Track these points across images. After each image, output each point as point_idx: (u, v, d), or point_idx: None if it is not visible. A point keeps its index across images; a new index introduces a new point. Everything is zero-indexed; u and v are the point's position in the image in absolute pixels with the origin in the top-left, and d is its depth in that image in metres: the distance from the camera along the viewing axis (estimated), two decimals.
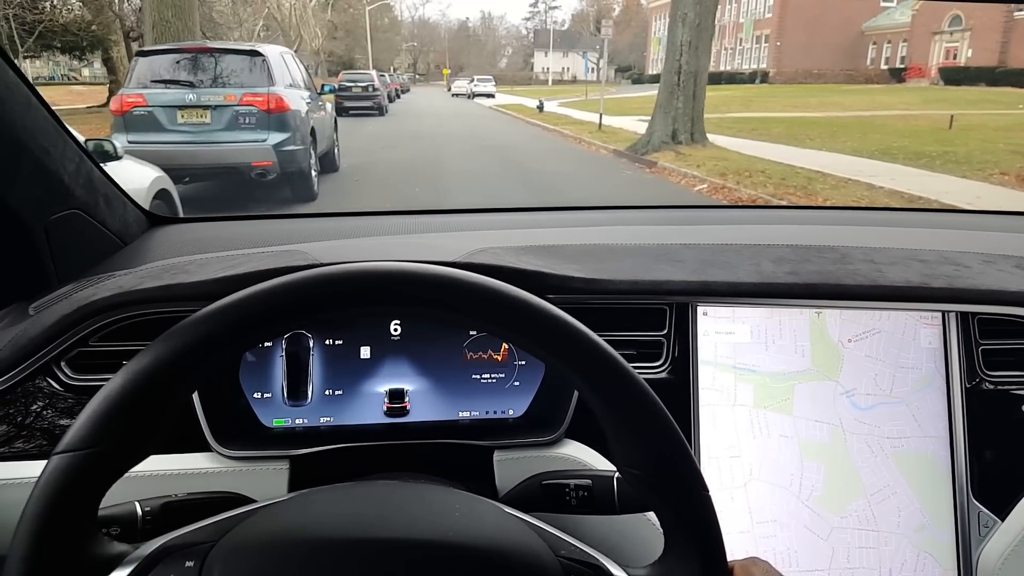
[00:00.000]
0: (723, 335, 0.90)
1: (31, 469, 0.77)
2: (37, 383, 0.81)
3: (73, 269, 0.96)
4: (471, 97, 35.83)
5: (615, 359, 0.49)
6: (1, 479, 0.77)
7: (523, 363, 0.89)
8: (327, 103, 8.57)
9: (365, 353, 0.87)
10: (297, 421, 0.86)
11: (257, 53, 6.61)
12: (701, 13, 10.74)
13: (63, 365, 0.82)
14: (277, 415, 0.86)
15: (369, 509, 0.52)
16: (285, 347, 0.86)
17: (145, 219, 1.18)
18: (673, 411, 0.50)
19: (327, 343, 0.86)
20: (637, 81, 48.56)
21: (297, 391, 0.86)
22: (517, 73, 73.59)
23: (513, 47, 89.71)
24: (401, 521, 0.50)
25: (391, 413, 0.86)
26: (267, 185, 6.48)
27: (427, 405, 0.88)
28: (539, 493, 0.77)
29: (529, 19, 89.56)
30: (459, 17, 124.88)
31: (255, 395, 0.86)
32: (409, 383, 0.87)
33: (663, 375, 0.89)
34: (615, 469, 0.60)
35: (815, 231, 1.16)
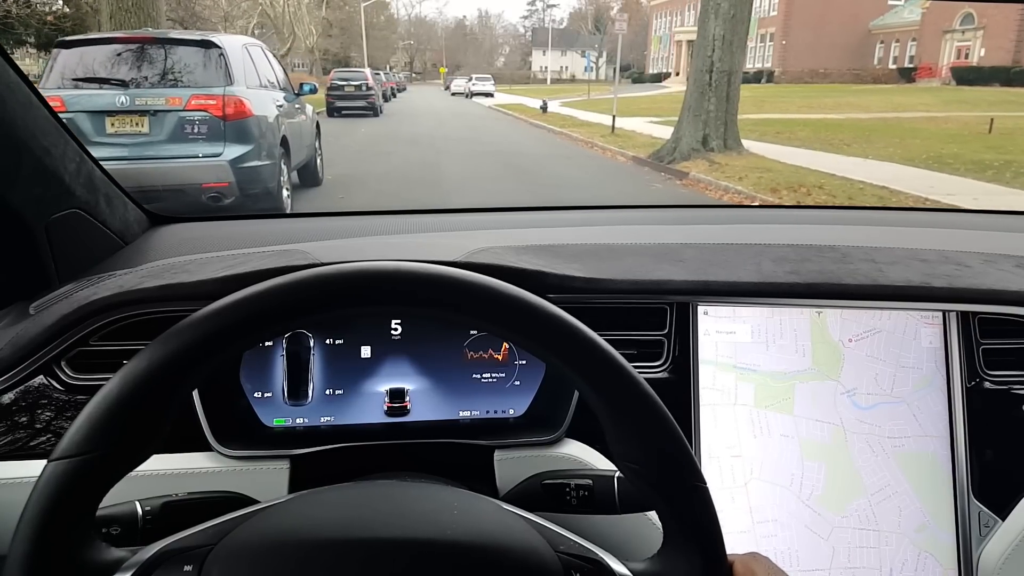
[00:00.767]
0: (724, 334, 0.91)
1: (31, 468, 0.77)
2: (37, 382, 0.81)
3: (74, 268, 0.96)
4: (469, 96, 35.39)
5: (609, 353, 0.49)
6: (1, 478, 0.77)
7: (524, 362, 0.89)
8: (307, 105, 7.07)
9: (366, 352, 0.87)
10: (297, 421, 0.86)
11: (211, 44, 5.16)
12: (736, 4, 9.53)
13: (63, 364, 0.82)
14: (277, 415, 0.86)
15: (366, 510, 0.52)
16: (286, 346, 0.86)
17: (146, 218, 1.18)
18: (674, 411, 0.50)
19: (328, 342, 0.86)
20: (637, 80, 47.83)
21: (297, 391, 0.86)
22: (515, 72, 72.68)
23: (511, 46, 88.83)
24: (399, 521, 0.50)
25: (392, 412, 0.87)
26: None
27: (428, 405, 0.88)
28: (540, 493, 0.77)
29: (527, 17, 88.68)
30: (456, 15, 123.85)
31: (255, 395, 0.86)
32: (410, 382, 0.87)
33: (664, 375, 0.90)
34: (616, 469, 0.64)
35: (816, 231, 1.17)
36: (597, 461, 0.83)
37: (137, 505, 0.65)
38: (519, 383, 0.88)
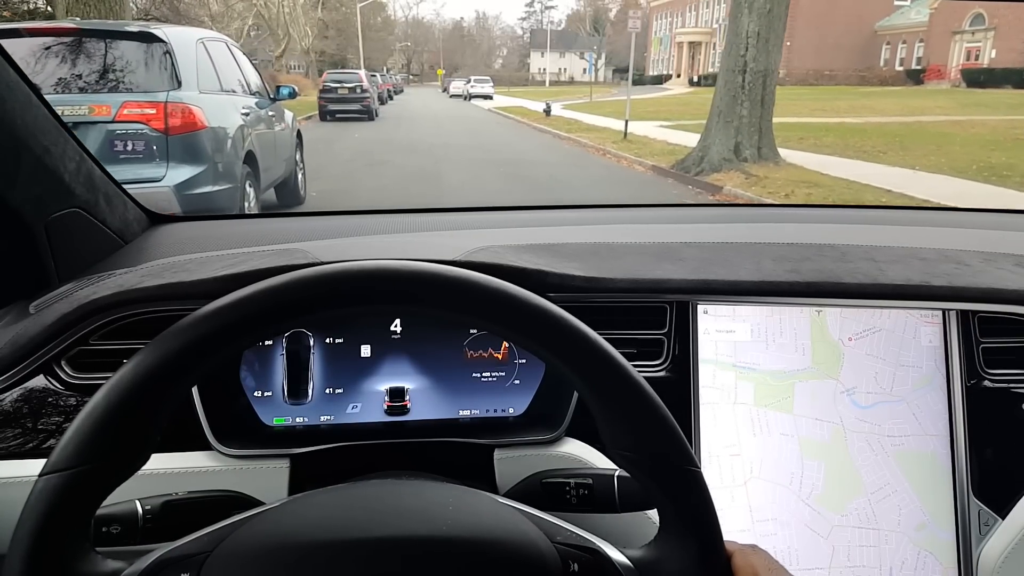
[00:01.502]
0: (724, 333, 0.91)
1: (31, 468, 0.77)
2: (38, 382, 0.81)
3: (73, 267, 0.97)
4: (467, 99, 35.15)
5: (595, 340, 0.49)
6: (1, 478, 0.77)
7: (523, 361, 0.90)
8: (286, 112, 5.93)
9: (365, 351, 0.87)
10: (297, 420, 0.87)
11: (152, 38, 4.05)
12: None
13: (63, 364, 0.82)
14: (277, 414, 0.86)
15: (361, 510, 0.52)
16: (285, 346, 0.86)
17: (146, 217, 1.18)
18: (673, 409, 0.51)
19: (327, 342, 0.87)
20: (638, 82, 46.65)
21: (297, 390, 0.86)
22: (513, 74, 72.11)
23: (508, 47, 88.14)
24: (394, 519, 0.50)
25: (392, 411, 0.87)
26: None
27: (427, 403, 0.88)
28: (539, 491, 0.78)
29: (525, 19, 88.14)
30: (453, 17, 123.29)
31: (255, 394, 0.86)
32: (409, 381, 0.88)
33: (664, 373, 0.90)
34: (616, 468, 0.67)
35: (815, 229, 1.17)
36: (597, 460, 0.84)
37: (137, 504, 0.66)
38: (519, 382, 0.89)
